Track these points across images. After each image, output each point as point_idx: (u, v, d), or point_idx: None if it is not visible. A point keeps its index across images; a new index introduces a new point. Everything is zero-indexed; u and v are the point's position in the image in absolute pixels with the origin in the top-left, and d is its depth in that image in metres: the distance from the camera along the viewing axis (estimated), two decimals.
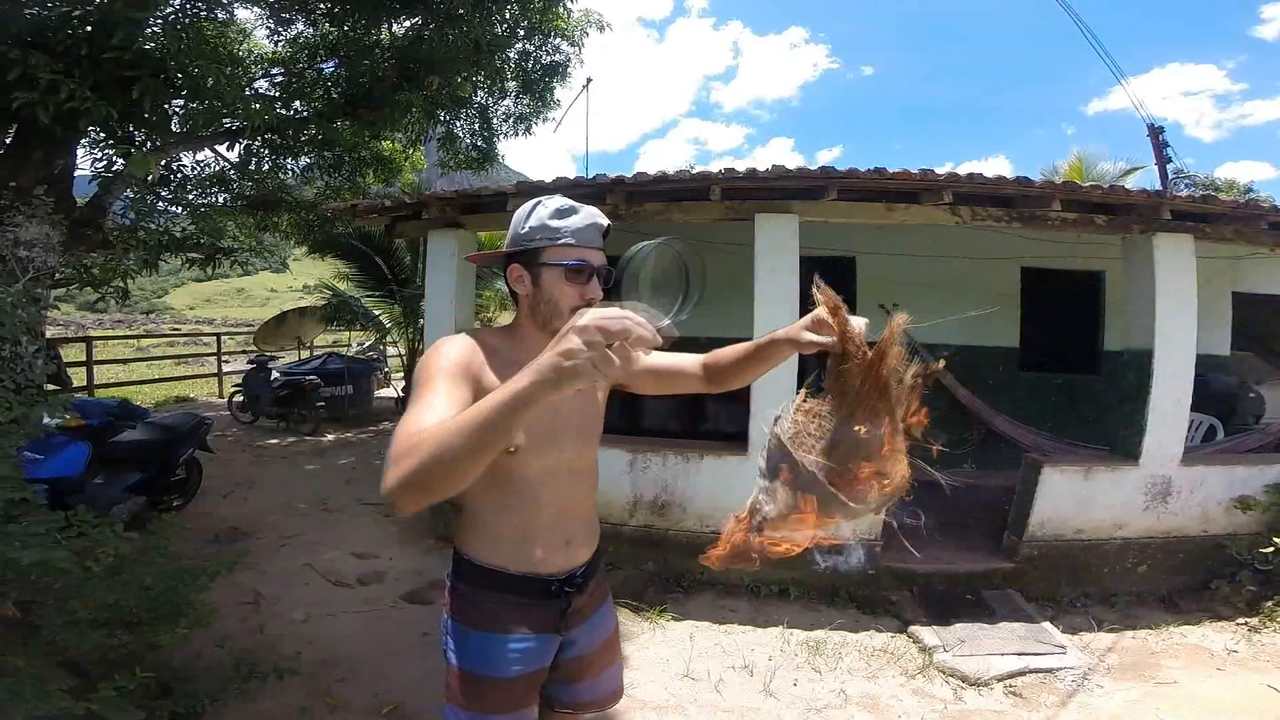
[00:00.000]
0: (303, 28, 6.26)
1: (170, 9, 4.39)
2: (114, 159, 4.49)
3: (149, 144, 4.80)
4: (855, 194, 3.74)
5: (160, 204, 6.60)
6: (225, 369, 11.71)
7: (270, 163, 6.73)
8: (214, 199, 7.13)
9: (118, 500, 3.93)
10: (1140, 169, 11.07)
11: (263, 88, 6.32)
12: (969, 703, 2.70)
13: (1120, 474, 3.77)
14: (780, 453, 1.02)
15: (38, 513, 1.96)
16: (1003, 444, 4.62)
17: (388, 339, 10.81)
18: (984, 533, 4.07)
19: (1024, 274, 5.71)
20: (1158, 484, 3.75)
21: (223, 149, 6.43)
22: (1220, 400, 4.88)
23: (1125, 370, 3.98)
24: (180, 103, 4.67)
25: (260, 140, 6.05)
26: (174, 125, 4.88)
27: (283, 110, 5.90)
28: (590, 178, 4.00)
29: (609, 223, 1.18)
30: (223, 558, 2.47)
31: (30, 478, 2.62)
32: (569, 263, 1.13)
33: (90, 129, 4.45)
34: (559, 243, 1.13)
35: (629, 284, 0.84)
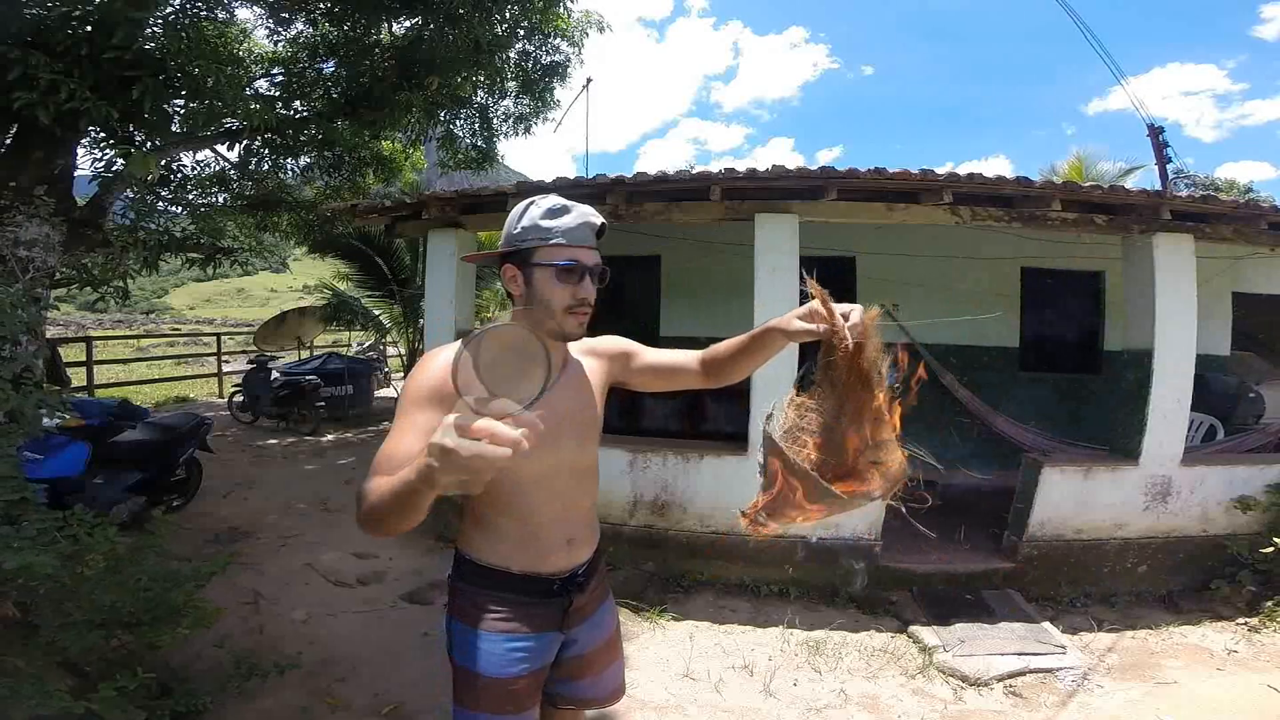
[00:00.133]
0: (303, 27, 6.26)
1: (170, 9, 4.39)
2: (114, 159, 4.48)
3: (149, 144, 4.80)
4: (855, 194, 3.74)
5: (160, 204, 6.60)
6: (225, 369, 11.72)
7: (270, 163, 6.73)
8: (214, 199, 7.13)
9: (118, 500, 3.93)
10: (1140, 169, 11.08)
11: (263, 88, 6.32)
12: (969, 703, 2.70)
13: (1120, 474, 3.77)
14: (774, 451, 1.03)
15: (36, 513, 1.96)
16: (1003, 444, 4.62)
17: (388, 339, 10.82)
18: (984, 533, 4.07)
19: (1024, 274, 5.71)
20: (1158, 484, 3.75)
21: (223, 149, 6.43)
22: (1220, 400, 4.88)
23: (1125, 370, 3.97)
24: (180, 103, 4.66)
25: (260, 140, 6.05)
26: (174, 125, 4.87)
27: (283, 110, 5.90)
28: (590, 178, 4.00)
29: (602, 221, 1.18)
30: (216, 559, 2.46)
31: (30, 478, 2.62)
32: (560, 263, 1.12)
33: (90, 129, 4.44)
34: (551, 242, 1.13)
35: (472, 374, 0.74)
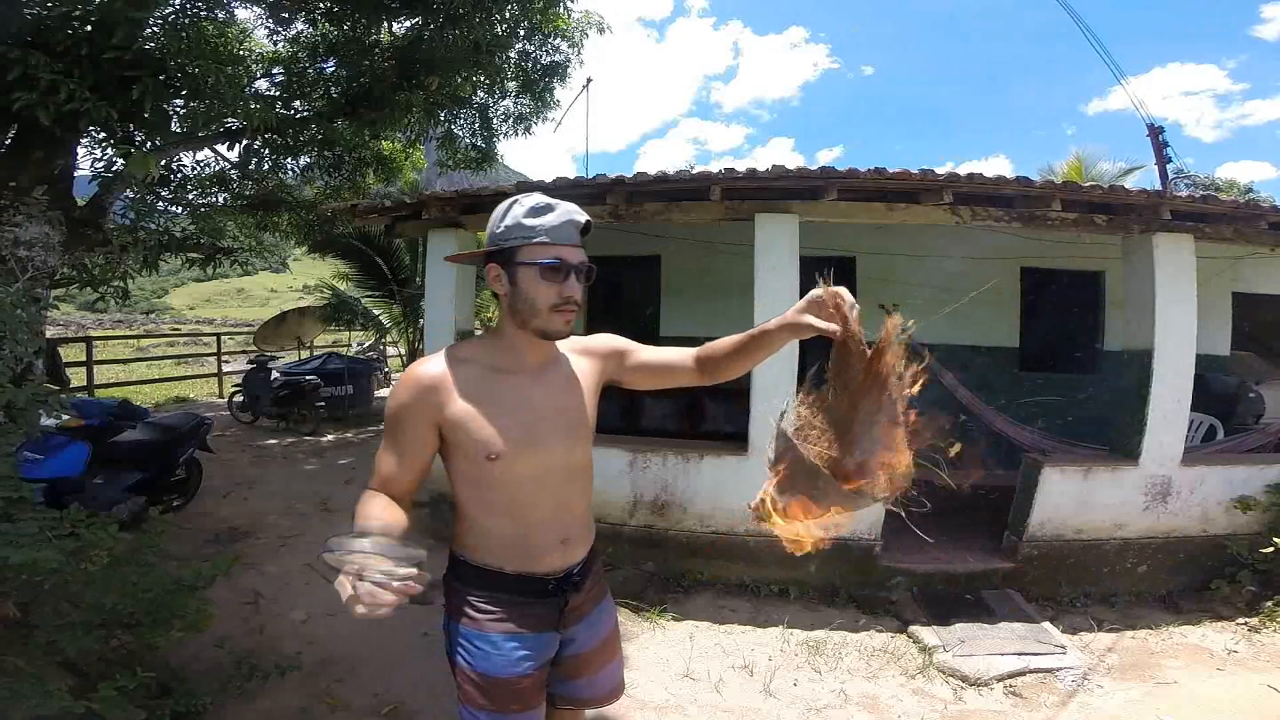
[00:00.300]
0: (303, 27, 6.25)
1: (170, 9, 4.38)
2: (114, 159, 4.48)
3: (149, 144, 4.79)
4: (855, 194, 3.74)
5: (160, 204, 6.59)
6: (225, 369, 11.71)
7: (270, 163, 6.72)
8: (214, 199, 7.13)
9: (118, 500, 3.93)
10: (1140, 169, 11.08)
11: (263, 87, 6.32)
12: (969, 703, 2.70)
13: (1120, 474, 3.77)
14: (786, 447, 1.03)
15: (34, 512, 1.96)
16: (1003, 444, 4.62)
17: (388, 339, 10.82)
18: (984, 533, 4.07)
19: (1024, 274, 5.71)
20: (1157, 484, 3.75)
21: (223, 149, 6.42)
22: (1220, 400, 4.88)
23: (1125, 370, 3.97)
24: (180, 103, 4.66)
25: (260, 140, 6.04)
26: (174, 125, 4.87)
27: (283, 110, 5.89)
28: (590, 178, 4.00)
29: (587, 219, 1.16)
30: (216, 563, 2.46)
31: (30, 478, 2.63)
32: (545, 261, 1.11)
33: (90, 129, 4.44)
34: (534, 241, 1.11)
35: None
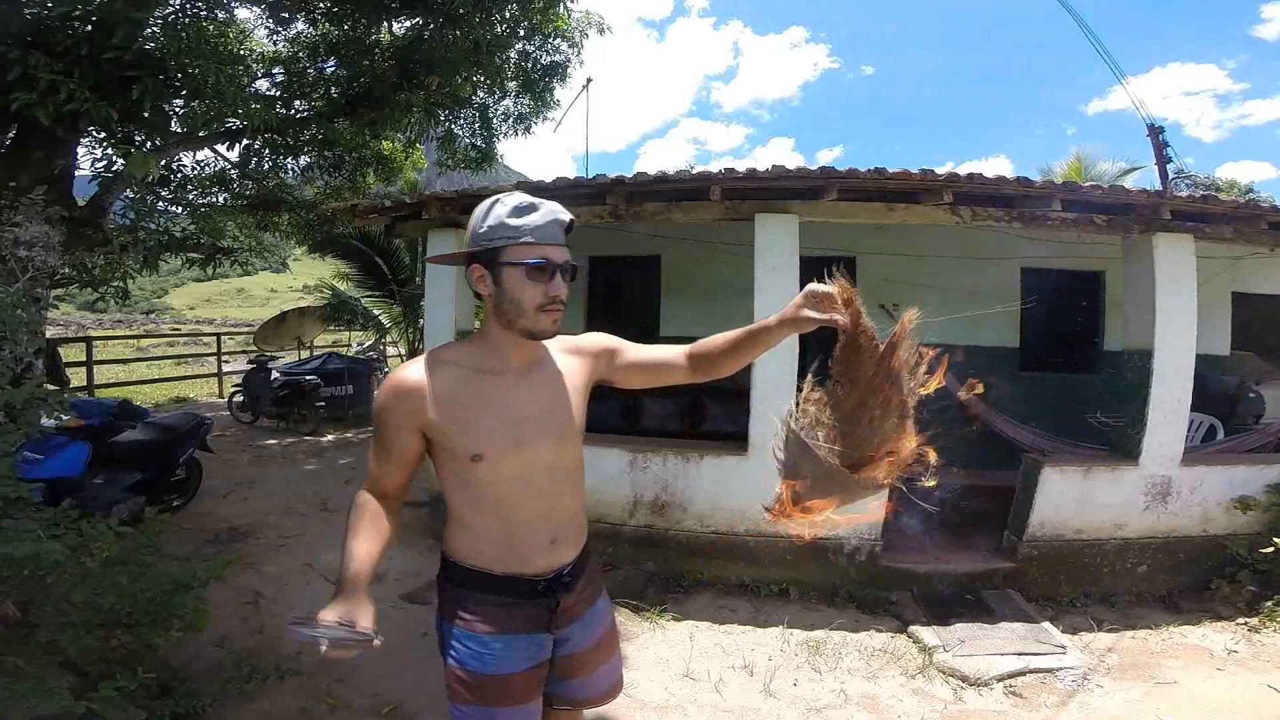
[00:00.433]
0: (303, 27, 6.26)
1: (170, 9, 4.39)
2: (114, 159, 4.48)
3: (149, 144, 4.80)
4: (855, 194, 3.74)
5: (160, 204, 6.61)
6: (225, 369, 11.70)
7: (270, 163, 6.73)
8: (214, 199, 7.14)
9: (118, 500, 3.93)
10: (1140, 169, 11.08)
11: (263, 87, 6.32)
12: (969, 703, 2.70)
13: (1120, 474, 3.77)
14: (800, 448, 1.03)
15: (32, 511, 1.96)
16: (1003, 444, 4.61)
17: (388, 339, 10.80)
18: (984, 533, 4.07)
19: (1024, 274, 5.71)
20: (1157, 484, 3.75)
21: (223, 149, 6.43)
22: (1220, 400, 4.87)
23: (1125, 370, 3.97)
24: (180, 103, 4.67)
25: (260, 140, 6.05)
26: (174, 125, 4.88)
27: (283, 110, 5.90)
28: (590, 178, 4.00)
29: (571, 218, 1.16)
30: (213, 564, 2.46)
31: (30, 478, 2.62)
32: (530, 261, 1.10)
33: (90, 129, 4.44)
34: (519, 241, 1.10)
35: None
